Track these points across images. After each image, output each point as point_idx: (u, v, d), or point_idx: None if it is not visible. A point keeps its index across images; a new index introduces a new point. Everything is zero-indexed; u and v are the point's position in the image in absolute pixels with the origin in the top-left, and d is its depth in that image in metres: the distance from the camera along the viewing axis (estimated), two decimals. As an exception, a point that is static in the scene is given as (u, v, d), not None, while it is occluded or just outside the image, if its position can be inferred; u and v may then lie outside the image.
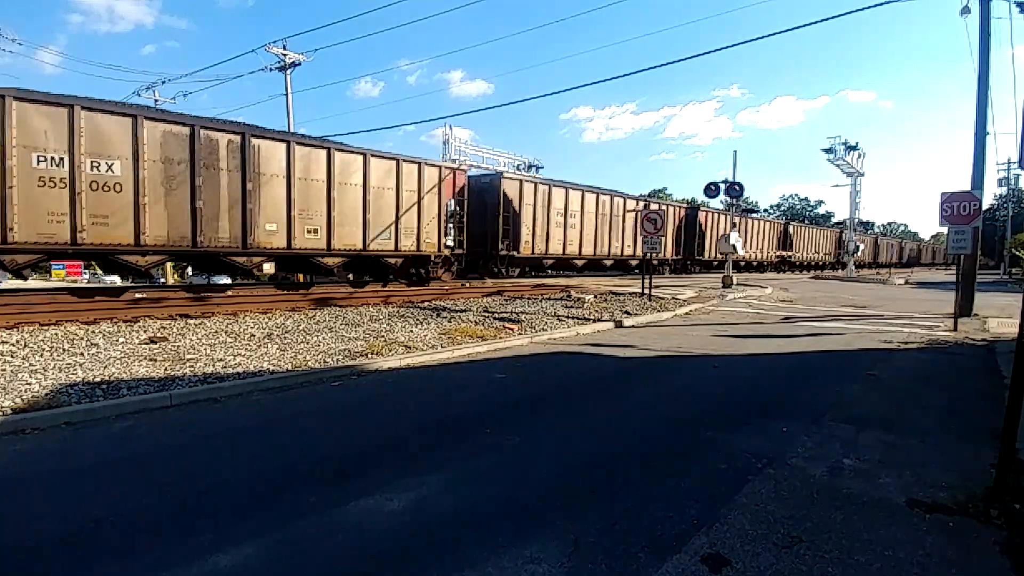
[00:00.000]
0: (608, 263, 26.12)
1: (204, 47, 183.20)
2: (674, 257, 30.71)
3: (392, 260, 16.15)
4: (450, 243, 18.17)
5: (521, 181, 21.22)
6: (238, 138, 12.50)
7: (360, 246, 14.90)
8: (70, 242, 10.40)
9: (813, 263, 47.88)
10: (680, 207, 32.67)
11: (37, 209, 10.03)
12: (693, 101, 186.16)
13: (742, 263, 36.79)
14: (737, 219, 30.90)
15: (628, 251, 26.56)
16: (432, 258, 17.18)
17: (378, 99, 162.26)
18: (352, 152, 14.65)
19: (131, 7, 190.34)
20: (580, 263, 24.27)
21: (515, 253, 20.61)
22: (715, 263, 33.69)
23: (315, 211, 13.91)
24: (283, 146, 13.30)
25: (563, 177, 24.16)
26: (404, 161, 15.90)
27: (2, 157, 9.56)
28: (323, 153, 13.93)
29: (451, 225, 18.72)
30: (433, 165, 17.10)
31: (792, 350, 8.73)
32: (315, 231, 13.98)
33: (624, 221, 25.99)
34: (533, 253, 21.44)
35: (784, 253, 41.87)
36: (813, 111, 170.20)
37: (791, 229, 44.02)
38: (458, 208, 18.48)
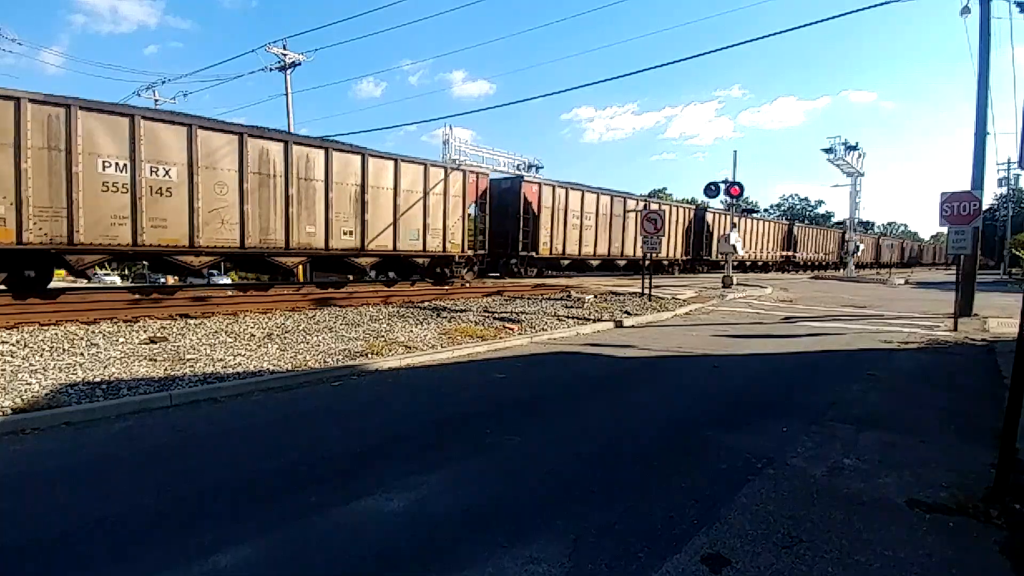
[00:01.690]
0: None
1: (207, 48, 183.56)
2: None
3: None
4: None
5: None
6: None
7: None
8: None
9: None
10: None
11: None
12: (694, 101, 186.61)
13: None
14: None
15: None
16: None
17: (380, 99, 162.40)
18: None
19: (134, 8, 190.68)
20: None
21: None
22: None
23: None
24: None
25: (563, 177, 24.20)
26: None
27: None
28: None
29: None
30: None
31: (792, 350, 8.73)
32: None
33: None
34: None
35: (788, 253, 42.51)
36: (814, 111, 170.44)
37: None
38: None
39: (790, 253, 42.68)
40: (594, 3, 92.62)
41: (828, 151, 35.45)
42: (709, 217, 32.66)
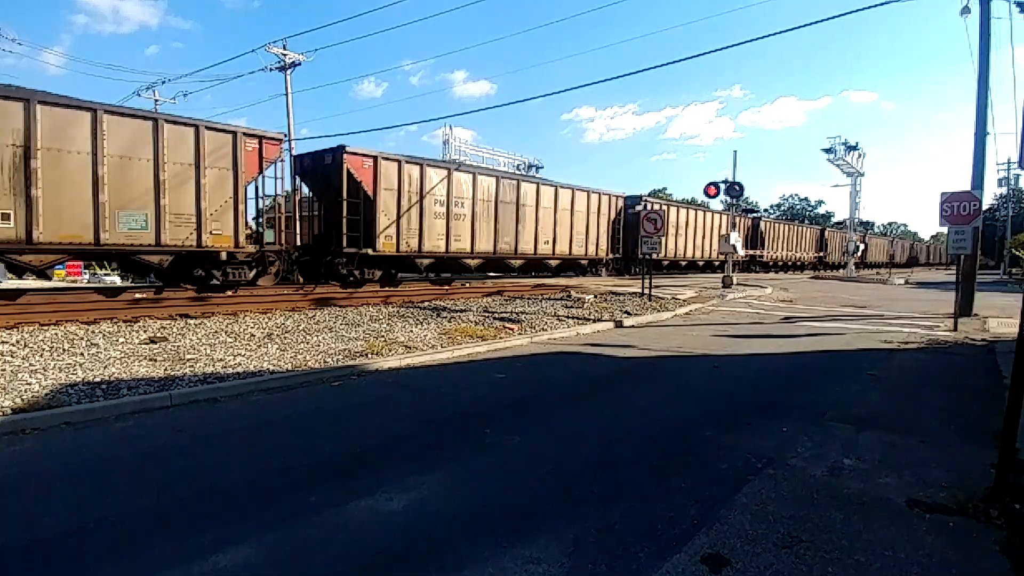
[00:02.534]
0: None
1: (209, 48, 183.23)
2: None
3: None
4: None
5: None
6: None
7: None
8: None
9: (789, 263, 44.23)
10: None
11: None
12: (695, 101, 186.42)
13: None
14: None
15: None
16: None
17: (381, 99, 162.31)
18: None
19: (136, 8, 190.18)
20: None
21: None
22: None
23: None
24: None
25: (563, 178, 24.17)
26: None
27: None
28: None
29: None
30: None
31: (792, 350, 8.73)
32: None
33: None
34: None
35: (753, 252, 38.43)
36: (815, 111, 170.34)
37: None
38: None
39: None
40: (595, 3, 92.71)
41: (828, 151, 35.51)
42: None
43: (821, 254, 48.91)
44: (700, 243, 32.43)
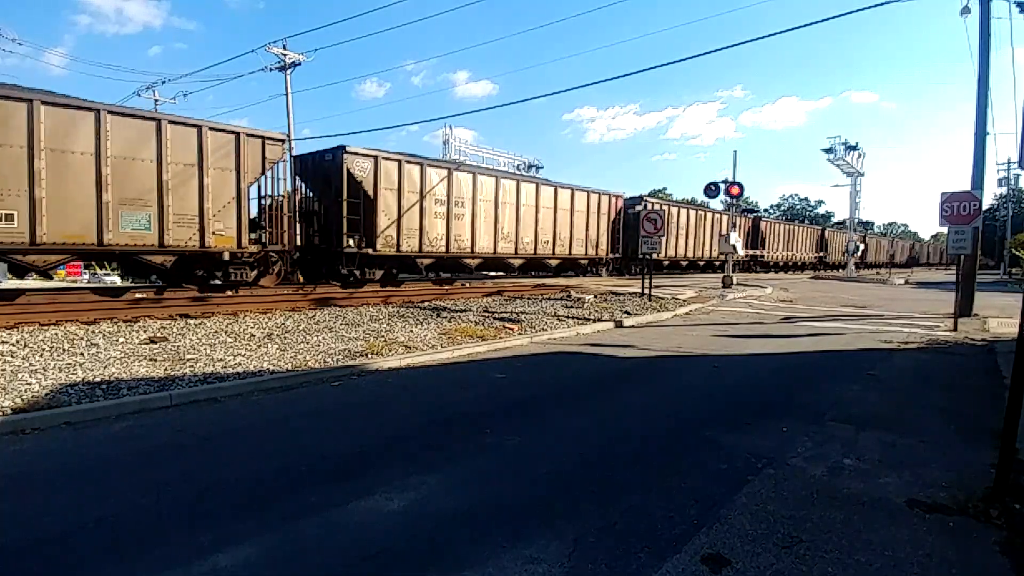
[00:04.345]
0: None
1: (212, 49, 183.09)
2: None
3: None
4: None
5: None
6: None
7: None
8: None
9: (790, 263, 44.23)
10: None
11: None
12: (696, 102, 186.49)
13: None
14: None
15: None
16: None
17: (383, 99, 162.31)
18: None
19: (139, 8, 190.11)
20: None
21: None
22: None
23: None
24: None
25: (564, 178, 24.20)
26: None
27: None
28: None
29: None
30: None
31: (792, 350, 8.73)
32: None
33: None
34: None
35: (755, 252, 38.40)
36: (816, 112, 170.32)
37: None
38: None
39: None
40: (597, 3, 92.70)
41: (828, 151, 35.52)
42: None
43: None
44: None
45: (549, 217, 22.12)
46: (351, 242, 15.96)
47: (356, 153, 15.83)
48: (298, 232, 16.90)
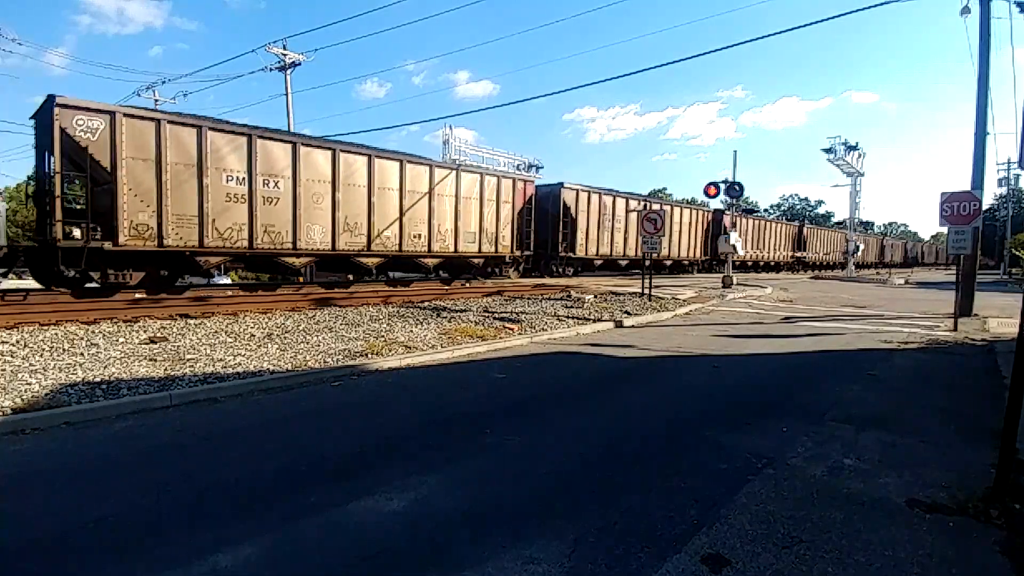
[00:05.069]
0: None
1: (213, 49, 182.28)
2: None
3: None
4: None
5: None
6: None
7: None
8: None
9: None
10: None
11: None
12: (697, 102, 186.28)
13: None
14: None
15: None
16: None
17: (383, 100, 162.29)
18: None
19: (141, 9, 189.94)
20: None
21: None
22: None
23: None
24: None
25: (564, 177, 24.19)
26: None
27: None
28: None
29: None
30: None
31: (792, 350, 8.73)
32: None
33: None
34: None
35: (799, 254, 43.68)
36: (817, 112, 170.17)
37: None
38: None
39: (800, 254, 42.56)
40: (597, 3, 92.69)
41: (828, 151, 35.49)
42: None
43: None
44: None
45: (423, 205, 17.15)
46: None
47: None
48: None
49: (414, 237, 16.89)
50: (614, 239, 25.10)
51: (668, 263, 28.89)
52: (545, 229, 21.97)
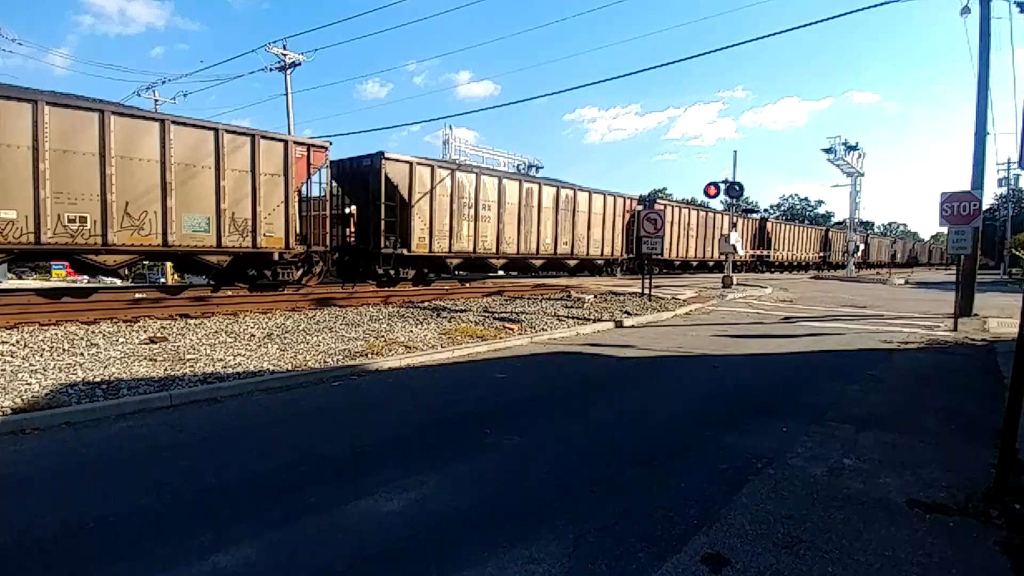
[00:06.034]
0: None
1: (215, 49, 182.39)
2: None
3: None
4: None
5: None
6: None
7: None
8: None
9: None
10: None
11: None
12: (698, 102, 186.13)
13: (711, 264, 33.87)
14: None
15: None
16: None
17: (384, 100, 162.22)
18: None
19: (142, 9, 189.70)
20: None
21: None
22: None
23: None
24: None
25: (564, 177, 24.15)
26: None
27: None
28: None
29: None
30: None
31: (792, 350, 8.73)
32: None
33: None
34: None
35: (760, 252, 38.60)
36: (817, 112, 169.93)
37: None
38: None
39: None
40: (597, 3, 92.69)
41: (828, 151, 35.58)
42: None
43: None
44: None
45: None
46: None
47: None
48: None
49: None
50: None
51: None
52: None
